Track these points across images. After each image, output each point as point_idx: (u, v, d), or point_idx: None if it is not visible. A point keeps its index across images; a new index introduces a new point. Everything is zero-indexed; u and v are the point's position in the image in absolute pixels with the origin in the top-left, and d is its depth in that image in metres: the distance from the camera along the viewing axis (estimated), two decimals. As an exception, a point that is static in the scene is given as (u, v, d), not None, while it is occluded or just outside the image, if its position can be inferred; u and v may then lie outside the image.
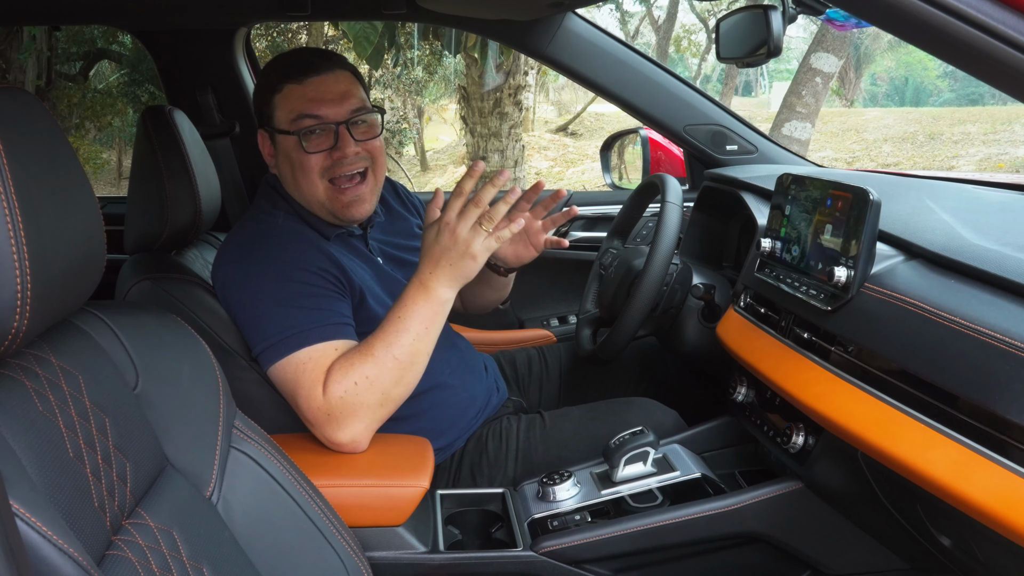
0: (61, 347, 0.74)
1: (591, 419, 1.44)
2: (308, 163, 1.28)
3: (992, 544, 0.82)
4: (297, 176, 1.30)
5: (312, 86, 1.27)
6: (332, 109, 1.27)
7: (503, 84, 5.32)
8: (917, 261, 1.04)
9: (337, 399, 1.15)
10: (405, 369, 1.17)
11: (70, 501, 0.65)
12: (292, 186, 1.33)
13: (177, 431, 0.84)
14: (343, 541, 0.96)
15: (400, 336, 1.16)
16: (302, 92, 1.27)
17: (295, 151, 1.28)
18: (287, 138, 1.28)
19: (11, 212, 0.60)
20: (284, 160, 1.31)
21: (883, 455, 0.90)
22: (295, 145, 1.28)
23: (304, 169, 1.28)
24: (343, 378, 1.15)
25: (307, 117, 1.27)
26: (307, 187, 1.30)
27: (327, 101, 1.27)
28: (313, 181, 1.29)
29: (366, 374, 1.15)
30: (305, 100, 1.27)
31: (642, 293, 1.36)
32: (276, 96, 1.29)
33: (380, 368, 1.15)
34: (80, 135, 7.97)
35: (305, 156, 1.28)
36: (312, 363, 1.17)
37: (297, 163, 1.29)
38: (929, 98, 20.12)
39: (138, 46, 7.07)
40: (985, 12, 0.68)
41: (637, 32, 16.51)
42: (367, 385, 1.15)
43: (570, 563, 1.18)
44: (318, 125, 1.27)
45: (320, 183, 1.29)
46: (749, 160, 1.97)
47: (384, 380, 1.16)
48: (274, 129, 1.30)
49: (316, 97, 1.27)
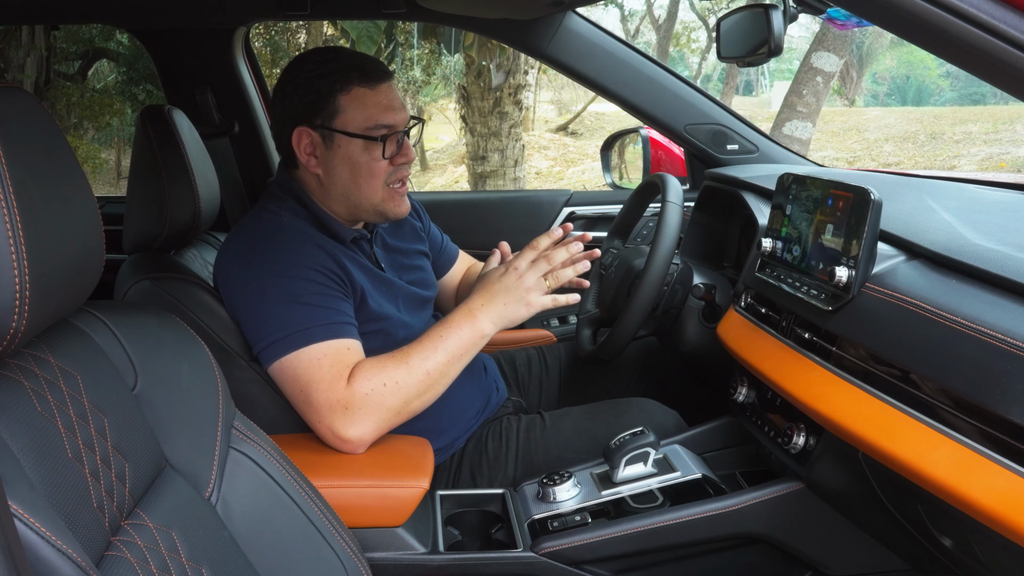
0: (60, 347, 0.74)
1: (591, 419, 1.44)
2: (378, 169, 1.28)
3: (993, 545, 0.82)
4: (360, 180, 1.29)
5: (383, 93, 1.28)
6: (400, 117, 1.29)
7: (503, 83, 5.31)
8: (918, 261, 1.04)
9: (361, 394, 1.16)
10: (431, 385, 1.21)
11: (69, 502, 0.65)
12: (345, 188, 1.30)
13: (176, 431, 0.84)
14: (342, 542, 0.96)
15: (437, 352, 1.21)
16: (375, 99, 1.27)
17: (363, 155, 1.28)
18: (354, 141, 1.27)
19: (9, 212, 0.60)
20: (343, 162, 1.29)
21: (884, 455, 0.90)
22: (363, 149, 1.27)
23: (372, 174, 1.29)
24: (374, 376, 1.17)
25: (383, 126, 1.27)
26: (368, 190, 1.30)
27: (396, 109, 1.29)
28: (376, 186, 1.30)
29: (396, 379, 1.18)
30: (381, 108, 1.27)
31: (642, 293, 1.36)
32: (342, 97, 1.26)
33: (411, 377, 1.19)
34: (78, 135, 7.97)
35: (376, 162, 1.28)
36: (329, 358, 1.17)
37: (364, 167, 1.28)
38: (931, 97, 20.13)
39: (136, 45, 7.07)
40: (986, 11, 0.67)
41: (637, 31, 16.51)
42: (394, 389, 1.17)
43: (570, 564, 1.18)
44: (391, 132, 1.28)
45: (382, 188, 1.30)
46: (750, 160, 1.96)
47: (410, 389, 1.19)
48: (337, 131, 1.27)
49: (389, 105, 1.28)
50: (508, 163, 5.50)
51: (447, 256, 1.65)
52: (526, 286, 1.23)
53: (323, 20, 6.09)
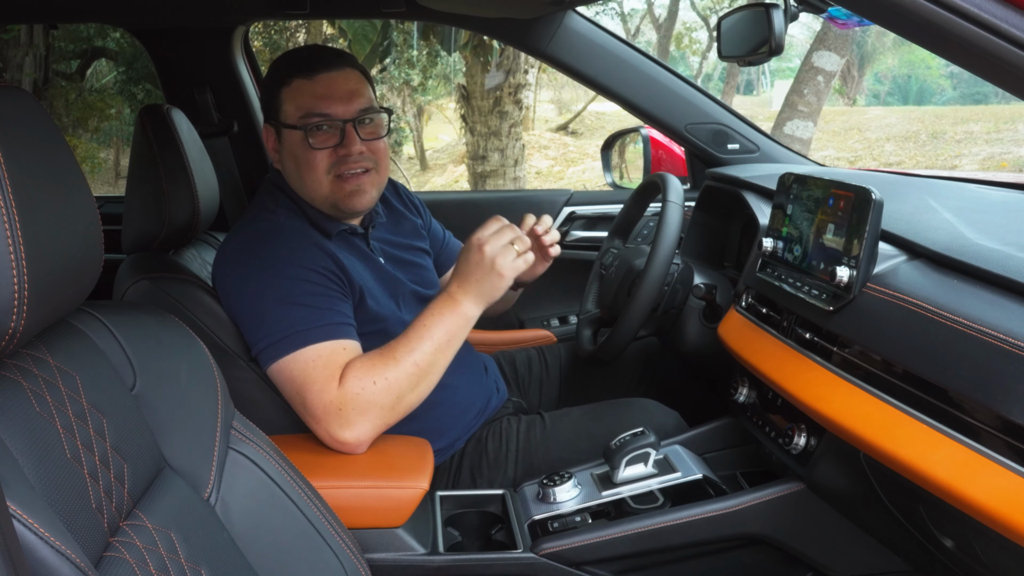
0: (58, 347, 0.74)
1: (591, 420, 1.44)
2: (314, 159, 1.28)
3: (995, 545, 0.81)
4: (302, 172, 1.30)
5: (321, 83, 1.27)
6: (340, 107, 1.28)
7: (503, 83, 5.31)
8: (920, 261, 1.03)
9: (353, 395, 1.15)
10: (422, 377, 1.20)
11: (67, 502, 0.65)
12: (296, 181, 1.33)
13: (175, 432, 0.84)
14: (342, 543, 0.96)
15: (423, 343, 1.20)
16: (311, 88, 1.27)
17: (300, 147, 1.29)
18: (293, 133, 1.29)
19: (8, 211, 0.60)
20: (289, 155, 1.31)
21: (885, 456, 0.90)
22: (300, 141, 1.28)
23: (310, 165, 1.29)
24: (363, 376, 1.16)
25: (315, 115, 1.27)
26: (312, 183, 1.30)
27: (335, 98, 1.27)
28: (318, 178, 1.29)
29: (386, 376, 1.17)
30: (314, 96, 1.27)
31: (643, 293, 1.36)
32: (284, 90, 1.29)
33: (400, 372, 1.18)
34: (77, 134, 7.97)
35: (311, 152, 1.28)
36: (323, 360, 1.17)
37: (303, 159, 1.29)
38: (932, 97, 20.11)
39: (135, 44, 7.07)
40: (988, 10, 0.67)
41: (638, 30, 16.50)
42: (385, 386, 1.17)
43: (570, 565, 1.18)
44: (325, 122, 1.27)
45: (325, 179, 1.29)
46: (751, 159, 1.96)
47: (401, 384, 1.18)
48: (280, 124, 1.30)
49: (324, 94, 1.27)
50: (508, 163, 5.50)
51: (450, 253, 1.65)
52: (491, 254, 1.19)
53: (322, 19, 6.09)
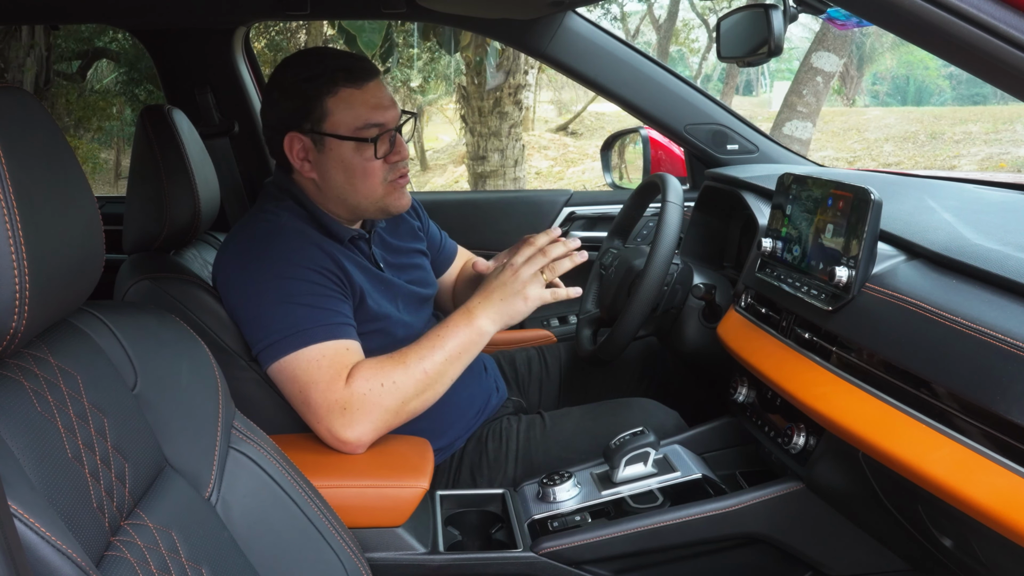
0: (59, 347, 0.74)
1: (591, 419, 1.44)
2: (372, 169, 1.27)
3: (993, 545, 0.82)
4: (355, 181, 1.28)
5: (371, 92, 1.27)
6: (390, 115, 1.28)
7: (503, 83, 5.31)
8: (919, 261, 1.04)
9: (359, 395, 1.16)
10: (429, 385, 1.21)
11: (69, 502, 0.65)
12: (340, 190, 1.30)
13: (176, 432, 0.84)
14: (342, 542, 0.96)
15: (434, 352, 1.21)
16: (363, 98, 1.26)
17: (355, 157, 1.27)
18: (345, 144, 1.26)
19: (9, 211, 0.60)
20: (336, 165, 1.28)
21: (884, 456, 0.90)
22: (355, 151, 1.27)
23: (367, 174, 1.28)
24: (372, 376, 1.17)
25: (372, 125, 1.26)
26: (366, 191, 1.29)
27: (385, 107, 1.28)
28: (373, 185, 1.29)
29: (394, 379, 1.18)
30: (367, 107, 1.26)
31: (643, 293, 1.36)
32: (330, 100, 1.25)
33: (408, 377, 1.19)
34: (78, 135, 7.97)
35: (370, 163, 1.27)
36: (328, 359, 1.17)
37: (358, 169, 1.27)
38: (931, 97, 20.11)
39: (136, 45, 7.07)
40: (986, 11, 0.67)
41: (638, 31, 16.50)
42: (392, 388, 1.17)
43: (570, 564, 1.18)
44: (382, 131, 1.27)
45: (381, 187, 1.30)
46: (750, 160, 1.96)
47: (408, 389, 1.18)
48: (326, 134, 1.26)
49: (377, 104, 1.27)
50: (508, 163, 5.51)
51: (446, 254, 1.65)
52: (522, 280, 1.23)
53: (323, 20, 6.09)
